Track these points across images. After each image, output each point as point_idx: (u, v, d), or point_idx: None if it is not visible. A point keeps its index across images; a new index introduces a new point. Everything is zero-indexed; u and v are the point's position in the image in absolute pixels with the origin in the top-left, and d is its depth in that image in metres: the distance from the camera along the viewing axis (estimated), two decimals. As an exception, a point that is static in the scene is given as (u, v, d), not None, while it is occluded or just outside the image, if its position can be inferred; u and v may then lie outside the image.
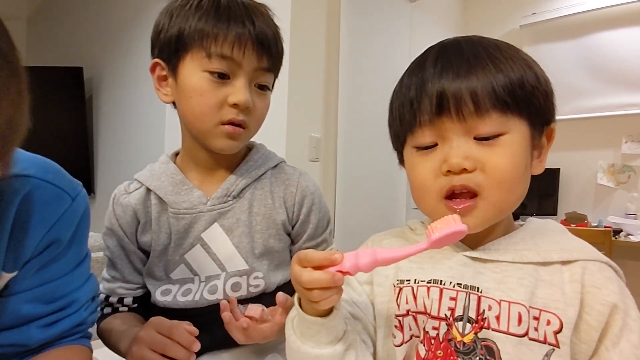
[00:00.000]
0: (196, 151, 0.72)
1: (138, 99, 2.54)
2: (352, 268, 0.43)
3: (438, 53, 0.53)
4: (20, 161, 0.47)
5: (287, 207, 0.74)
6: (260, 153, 0.77)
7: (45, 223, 0.48)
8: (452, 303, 0.52)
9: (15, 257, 0.47)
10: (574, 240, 0.54)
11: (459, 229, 0.42)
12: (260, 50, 0.65)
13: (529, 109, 0.51)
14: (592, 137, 3.02)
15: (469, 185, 0.49)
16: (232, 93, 0.64)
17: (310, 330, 0.49)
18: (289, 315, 0.53)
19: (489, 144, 0.49)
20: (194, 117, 0.66)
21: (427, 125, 0.51)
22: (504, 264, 0.52)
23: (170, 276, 0.70)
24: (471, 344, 0.49)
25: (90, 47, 2.92)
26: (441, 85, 0.50)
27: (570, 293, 0.49)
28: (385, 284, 0.58)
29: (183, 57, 0.65)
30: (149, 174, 0.73)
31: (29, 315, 0.48)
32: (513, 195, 0.52)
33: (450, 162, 0.49)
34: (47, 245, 0.48)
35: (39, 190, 0.48)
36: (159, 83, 0.70)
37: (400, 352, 0.54)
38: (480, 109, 0.48)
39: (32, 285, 0.48)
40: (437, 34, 3.10)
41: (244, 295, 0.69)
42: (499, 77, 0.49)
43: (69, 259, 0.51)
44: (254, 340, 0.60)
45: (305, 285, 0.44)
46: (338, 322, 0.49)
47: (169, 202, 0.70)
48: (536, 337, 0.47)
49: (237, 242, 0.70)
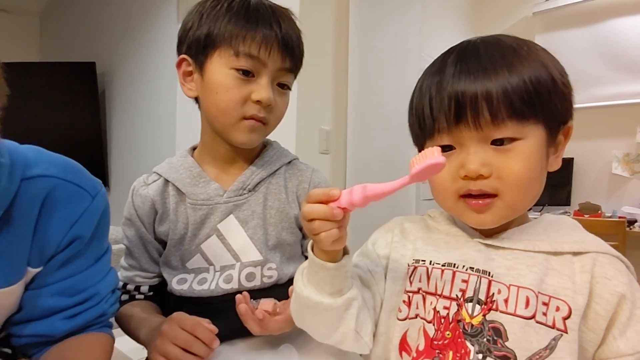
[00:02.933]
0: (216, 145, 0.74)
1: (150, 93, 2.57)
2: (347, 204, 0.46)
3: (456, 58, 0.54)
4: (43, 162, 0.50)
5: (299, 202, 0.77)
6: (275, 149, 0.80)
7: (67, 221, 0.50)
8: (464, 285, 0.54)
9: (40, 254, 0.49)
10: (586, 235, 0.56)
11: (437, 161, 0.43)
12: (285, 51, 0.69)
13: (546, 115, 0.52)
14: (607, 126, 2.98)
15: (486, 190, 0.52)
16: (255, 90, 0.67)
17: (317, 276, 0.52)
18: (301, 265, 0.56)
19: (505, 150, 0.51)
20: (218, 112, 0.69)
21: (445, 132, 0.53)
22: (515, 251, 0.54)
23: (186, 265, 0.72)
24: (479, 326, 0.51)
25: (102, 42, 2.96)
26: (458, 93, 0.51)
27: (580, 282, 0.50)
28: (402, 262, 0.61)
29: (211, 54, 0.68)
30: (168, 167, 0.75)
31: (53, 308, 0.50)
32: (528, 196, 0.54)
33: (468, 169, 0.51)
34: (70, 242, 0.50)
35: (60, 189, 0.50)
36: (184, 78, 0.73)
37: (400, 326, 0.57)
38: (496, 119, 0.50)
39: (56, 280, 0.51)
40: (449, 24, 3.08)
41: (257, 286, 0.72)
42: (515, 85, 0.50)
43: (90, 255, 0.53)
44: (269, 331, 0.63)
45: (306, 217, 0.48)
46: (342, 275, 0.52)
47: (187, 193, 0.72)
48: (544, 321, 0.49)
49: (251, 233, 0.72)
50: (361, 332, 0.55)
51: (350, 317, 0.54)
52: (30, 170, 0.48)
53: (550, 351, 0.48)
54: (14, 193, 0.46)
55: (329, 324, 0.55)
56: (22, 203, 0.47)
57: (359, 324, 0.55)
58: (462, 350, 0.51)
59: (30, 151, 0.50)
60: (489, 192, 0.52)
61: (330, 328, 0.55)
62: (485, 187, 0.52)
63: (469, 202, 0.53)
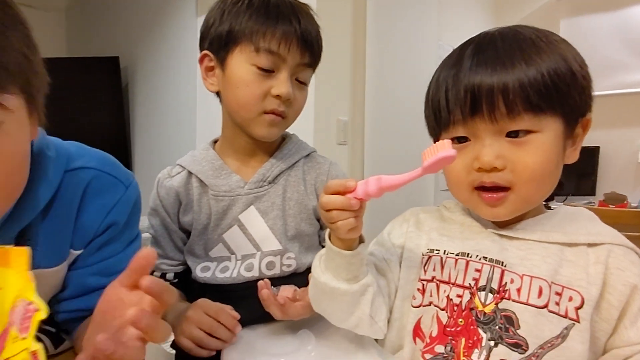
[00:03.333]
0: (237, 138, 0.77)
1: (171, 86, 2.62)
2: (363, 194, 0.48)
3: (473, 50, 0.54)
4: (83, 155, 0.55)
5: (318, 193, 0.79)
6: (294, 142, 0.82)
7: (104, 208, 0.55)
8: (477, 274, 0.55)
9: (81, 237, 0.54)
10: (602, 227, 0.56)
11: (448, 154, 0.44)
12: (304, 47, 0.70)
13: (564, 108, 0.52)
14: (634, 113, 2.87)
15: (499, 183, 0.52)
16: (275, 85, 0.69)
17: (333, 263, 0.55)
18: (319, 253, 0.59)
19: (520, 142, 0.51)
20: (239, 106, 0.71)
21: (461, 123, 0.54)
22: (529, 242, 0.55)
23: (209, 254, 0.76)
24: (491, 315, 0.52)
25: (125, 36, 3.02)
26: (474, 86, 0.51)
27: (594, 273, 0.51)
28: (416, 251, 0.62)
29: (232, 50, 0.70)
30: (191, 159, 0.78)
31: (93, 286, 0.56)
32: (542, 189, 0.54)
33: (482, 161, 0.52)
34: (106, 228, 0.56)
35: (98, 180, 0.55)
36: (206, 73, 0.75)
37: (414, 313, 0.59)
38: (512, 112, 0.50)
39: (94, 261, 0.56)
40: (468, 11, 3.01)
41: (277, 274, 0.74)
42: (533, 78, 0.49)
43: (123, 240, 0.58)
44: (290, 316, 0.65)
45: (324, 207, 0.50)
46: (358, 262, 0.54)
47: (209, 184, 0.75)
48: (556, 310, 0.50)
49: (271, 224, 0.75)
50: (375, 317, 0.57)
51: (365, 303, 0.56)
52: (72, 162, 0.54)
53: (562, 340, 0.48)
54: (58, 183, 0.51)
55: (345, 308, 0.57)
56: (66, 192, 0.52)
57: (373, 309, 0.57)
58: (474, 337, 0.52)
59: (72, 146, 0.56)
60: (502, 185, 0.52)
61: (346, 313, 0.57)
62: (499, 180, 0.52)
63: (483, 195, 0.54)
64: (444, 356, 0.54)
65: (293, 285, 0.69)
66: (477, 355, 0.51)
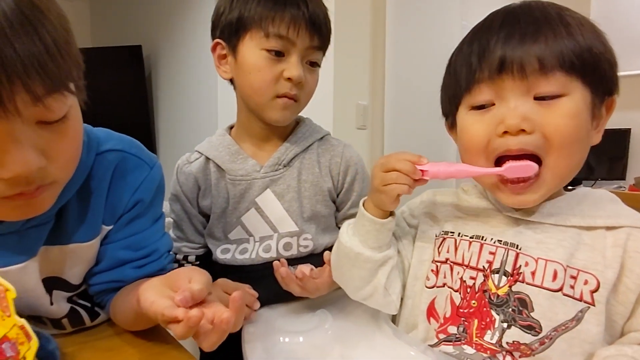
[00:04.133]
0: (251, 124, 0.78)
1: (193, 74, 2.66)
2: (431, 174, 0.53)
3: (505, 15, 0.53)
4: (111, 139, 0.61)
5: (332, 175, 0.80)
6: (308, 126, 0.83)
7: (132, 186, 0.60)
8: (491, 257, 0.55)
9: (112, 213, 0.59)
10: (623, 209, 0.54)
11: (529, 165, 0.49)
12: (312, 30, 0.71)
13: (594, 75, 0.50)
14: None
15: (527, 149, 0.49)
16: (286, 68, 0.70)
17: (363, 229, 0.57)
18: (347, 221, 0.63)
19: (549, 105, 0.48)
20: (252, 91, 0.73)
21: (486, 81, 0.51)
22: (546, 225, 0.53)
23: (229, 237, 0.78)
24: (505, 297, 0.52)
25: (147, 25, 3.06)
26: (507, 45, 0.49)
27: (611, 257, 0.49)
28: (430, 233, 0.63)
29: (243, 37, 0.71)
30: (208, 145, 0.80)
31: (123, 259, 0.60)
32: (575, 160, 0.51)
33: (508, 123, 0.48)
34: (134, 204, 0.60)
35: (126, 161, 0.60)
36: (219, 61, 0.77)
37: (428, 294, 0.59)
38: (545, 67, 0.47)
39: (124, 236, 0.61)
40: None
41: (294, 255, 0.76)
42: (569, 39, 0.48)
43: (149, 216, 0.63)
44: (308, 292, 0.67)
45: (387, 167, 0.53)
46: (386, 232, 0.57)
47: (226, 169, 0.77)
48: (571, 293, 0.49)
49: (287, 206, 0.76)
50: (390, 289, 0.59)
51: (382, 273, 0.58)
52: (102, 146, 0.59)
53: (576, 322, 0.48)
54: (90, 165, 0.57)
55: (363, 275, 0.59)
56: (97, 173, 0.57)
57: (389, 281, 0.59)
58: (487, 319, 0.52)
59: (100, 131, 0.61)
60: (530, 151, 0.49)
61: (364, 280, 0.59)
62: (527, 145, 0.48)
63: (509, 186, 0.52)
64: (456, 337, 0.54)
65: (309, 264, 0.71)
66: (490, 336, 0.51)
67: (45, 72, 0.39)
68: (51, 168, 0.44)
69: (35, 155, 0.42)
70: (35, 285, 0.55)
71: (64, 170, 0.48)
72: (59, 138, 0.45)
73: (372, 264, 0.58)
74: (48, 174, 0.45)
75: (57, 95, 0.42)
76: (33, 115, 0.41)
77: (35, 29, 0.38)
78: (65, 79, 0.42)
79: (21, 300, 0.54)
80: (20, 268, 0.52)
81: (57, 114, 0.43)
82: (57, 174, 0.46)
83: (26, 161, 0.41)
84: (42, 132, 0.43)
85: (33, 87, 0.39)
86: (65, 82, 0.43)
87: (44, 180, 0.45)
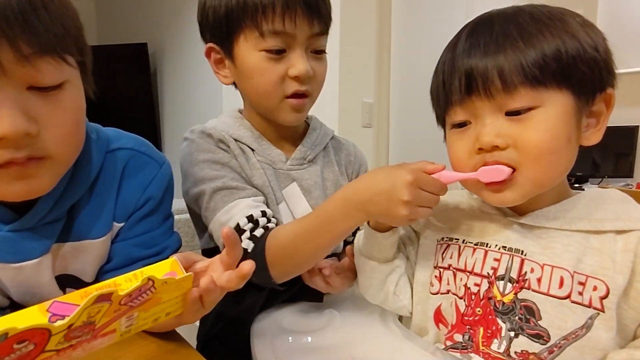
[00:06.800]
0: (264, 127, 0.74)
1: (198, 71, 2.67)
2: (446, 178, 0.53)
3: (469, 31, 0.54)
4: (121, 137, 0.61)
5: (347, 174, 0.80)
6: (319, 124, 0.81)
7: (142, 184, 0.61)
8: (496, 263, 0.54)
9: (123, 211, 0.60)
10: (634, 210, 0.52)
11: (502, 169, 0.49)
12: (310, 15, 0.64)
13: (571, 79, 0.49)
14: (678, 90, 2.71)
15: (502, 162, 0.50)
16: (291, 66, 0.65)
17: (368, 241, 0.60)
18: (360, 232, 0.64)
19: (520, 119, 0.49)
20: (259, 96, 0.68)
21: (459, 104, 0.53)
22: (551, 230, 0.52)
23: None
24: (510, 304, 0.51)
25: (153, 23, 3.07)
26: (469, 65, 0.50)
27: (622, 262, 0.48)
28: (433, 238, 0.63)
29: (236, 38, 0.66)
30: (223, 125, 0.71)
31: (136, 257, 0.61)
32: (552, 169, 0.51)
33: (482, 141, 0.50)
34: (145, 202, 0.61)
35: (136, 159, 0.61)
36: (216, 66, 0.72)
37: (434, 300, 0.59)
38: (507, 86, 0.48)
39: (135, 234, 0.61)
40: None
41: None
42: (529, 53, 0.47)
43: (160, 214, 0.64)
44: (334, 287, 0.66)
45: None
46: (390, 244, 0.59)
47: (255, 149, 0.70)
48: (580, 300, 0.48)
49: (313, 203, 0.73)
50: (400, 295, 0.61)
51: (391, 281, 0.61)
52: (112, 144, 0.60)
53: (586, 330, 0.47)
54: (101, 163, 0.57)
55: (375, 284, 0.62)
56: (107, 170, 0.58)
57: (398, 288, 0.61)
58: (492, 327, 0.51)
59: (110, 130, 0.62)
60: (506, 164, 0.50)
61: (376, 288, 0.62)
62: (502, 158, 0.50)
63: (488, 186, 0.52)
64: (462, 345, 0.53)
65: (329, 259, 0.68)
66: (497, 345, 0.50)
67: (30, 28, 0.39)
68: (44, 139, 0.44)
69: (23, 118, 0.41)
70: (49, 281, 0.56)
71: (60, 146, 0.46)
72: (52, 107, 0.44)
73: (378, 273, 0.61)
74: (40, 144, 0.44)
75: (48, 59, 0.41)
76: (23, 78, 0.41)
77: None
78: (56, 44, 0.42)
79: (35, 297, 0.56)
80: (35, 263, 0.54)
81: (50, 80, 0.43)
82: (52, 148, 0.45)
83: (12, 121, 0.40)
84: (33, 97, 0.42)
85: (17, 42, 0.38)
86: (56, 47, 0.42)
87: (35, 149, 0.44)
